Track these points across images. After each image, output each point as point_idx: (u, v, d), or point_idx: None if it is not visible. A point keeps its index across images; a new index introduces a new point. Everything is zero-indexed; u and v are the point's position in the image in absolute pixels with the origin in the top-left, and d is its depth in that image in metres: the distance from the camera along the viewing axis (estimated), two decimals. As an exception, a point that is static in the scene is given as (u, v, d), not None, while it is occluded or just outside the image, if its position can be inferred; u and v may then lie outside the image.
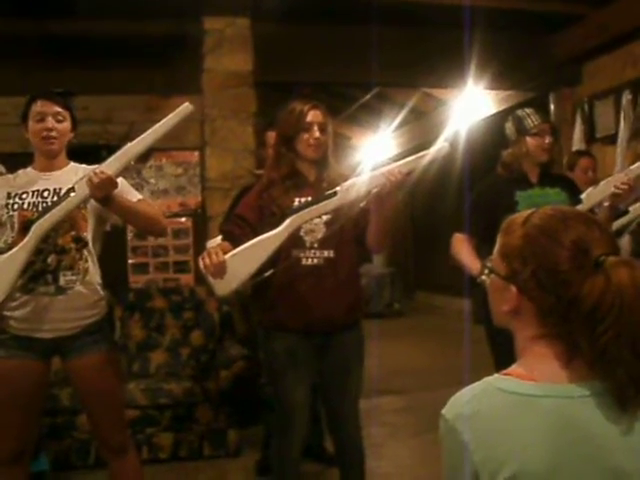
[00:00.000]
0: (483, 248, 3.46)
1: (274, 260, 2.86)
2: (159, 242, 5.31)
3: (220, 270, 2.72)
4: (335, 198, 2.82)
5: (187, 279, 5.40)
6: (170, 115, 2.69)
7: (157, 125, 2.70)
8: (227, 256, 2.74)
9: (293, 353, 2.99)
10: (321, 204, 2.82)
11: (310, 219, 2.86)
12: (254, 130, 5.40)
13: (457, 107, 8.29)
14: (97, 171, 2.64)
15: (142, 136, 2.70)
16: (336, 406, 3.12)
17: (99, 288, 2.95)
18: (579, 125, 6.41)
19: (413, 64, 6.18)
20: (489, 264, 1.39)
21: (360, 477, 3.14)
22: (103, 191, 2.65)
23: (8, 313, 2.81)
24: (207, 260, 2.71)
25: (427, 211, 11.62)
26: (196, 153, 5.45)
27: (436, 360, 7.33)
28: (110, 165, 2.67)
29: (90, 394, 2.93)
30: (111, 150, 2.94)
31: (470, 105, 7.96)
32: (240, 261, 2.75)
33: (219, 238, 3.80)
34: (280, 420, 3.09)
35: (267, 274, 2.82)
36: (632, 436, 1.20)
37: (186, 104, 2.70)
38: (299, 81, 6.49)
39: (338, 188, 2.82)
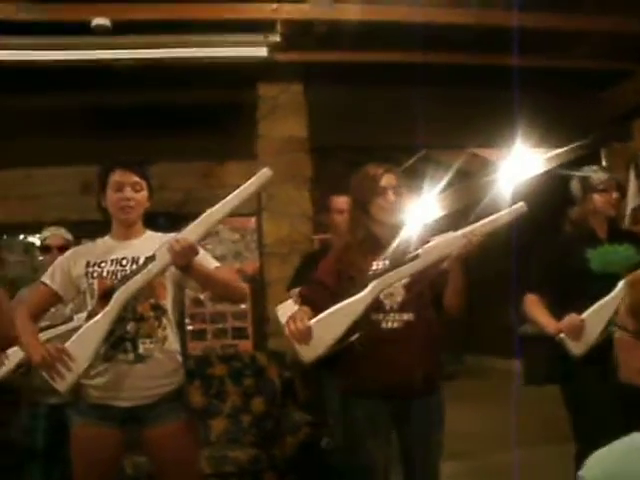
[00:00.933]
0: (554, 307, 3.43)
1: (355, 325, 2.82)
2: (217, 309, 5.31)
3: (306, 336, 2.69)
4: (418, 261, 2.79)
5: (245, 345, 5.37)
6: (250, 180, 2.69)
7: (237, 191, 2.69)
8: (312, 321, 2.71)
9: (373, 419, 2.93)
10: (404, 267, 2.80)
11: (393, 283, 2.82)
12: (310, 195, 5.42)
13: (504, 167, 8.27)
14: (179, 238, 2.63)
15: (222, 202, 2.69)
16: (419, 474, 3.03)
17: (178, 356, 2.92)
18: (633, 180, 6.34)
19: (460, 125, 6.18)
20: (618, 321, 1.36)
21: None
22: (184, 258, 2.64)
23: (86, 381, 2.79)
24: (293, 326, 2.68)
25: (472, 272, 11.50)
26: (253, 219, 5.47)
27: (493, 423, 7.16)
28: (191, 232, 2.66)
29: (167, 463, 2.86)
30: (167, 217, 2.96)
31: (518, 165, 7.93)
32: (325, 326, 2.72)
33: (289, 303, 3.81)
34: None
35: (352, 338, 2.77)
36: None
37: (265, 169, 2.69)
38: (347, 145, 6.55)
39: (420, 251, 2.80)
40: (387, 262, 2.92)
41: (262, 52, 4.83)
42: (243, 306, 5.40)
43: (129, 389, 2.78)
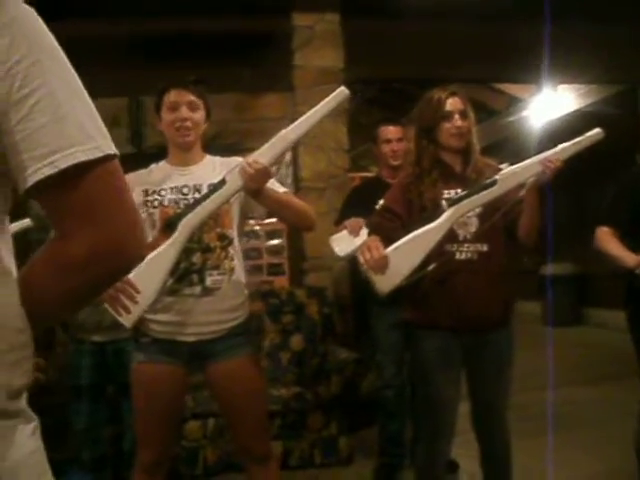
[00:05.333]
0: (627, 240, 3.31)
1: (428, 255, 2.70)
2: (252, 244, 5.18)
3: (382, 265, 2.57)
4: (495, 187, 2.67)
5: (281, 282, 5.26)
6: (326, 99, 2.53)
7: (312, 110, 2.53)
8: (388, 250, 2.59)
9: (444, 352, 2.84)
10: (481, 194, 2.67)
11: (471, 210, 2.70)
12: (347, 128, 5.26)
13: (533, 105, 8.09)
14: (250, 161, 2.48)
15: (297, 122, 2.53)
16: (487, 408, 2.95)
17: (245, 288, 2.80)
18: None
19: (489, 60, 6.00)
20: None
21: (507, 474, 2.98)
22: (258, 182, 2.50)
23: (149, 316, 2.66)
24: (368, 255, 2.56)
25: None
26: (289, 152, 5.31)
27: (520, 364, 7.11)
28: (264, 154, 2.51)
29: (234, 398, 2.75)
30: (203, 148, 2.83)
31: (549, 102, 7.75)
32: (402, 255, 2.60)
33: (343, 234, 3.69)
34: (430, 422, 2.94)
35: (430, 268, 2.65)
36: None
37: (342, 88, 2.54)
38: (385, 77, 6.36)
39: (497, 177, 2.68)
40: (459, 190, 2.79)
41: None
42: (279, 241, 5.28)
43: (196, 324, 2.67)
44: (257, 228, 5.16)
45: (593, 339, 8.37)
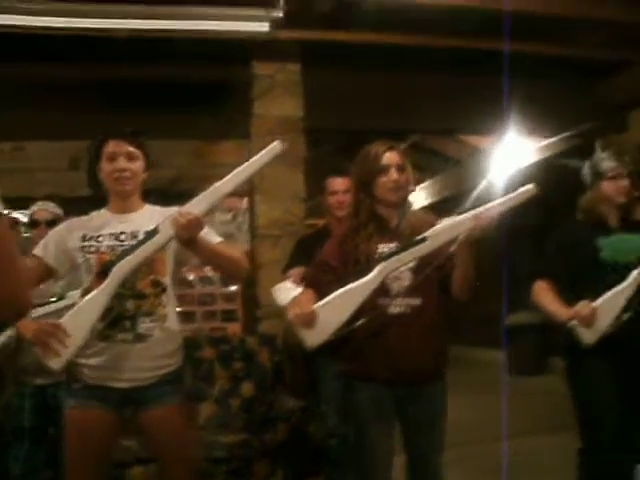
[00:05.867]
0: (564, 294, 3.36)
1: (360, 309, 2.74)
2: (206, 290, 5.19)
3: (311, 320, 2.60)
4: (426, 243, 2.70)
5: (234, 328, 5.27)
6: (260, 153, 2.58)
7: (246, 164, 2.58)
8: (317, 305, 2.62)
9: (379, 404, 2.86)
10: (412, 250, 2.70)
11: (401, 266, 2.73)
12: (304, 177, 5.32)
13: (494, 155, 8.21)
14: (183, 211, 2.52)
15: (230, 175, 2.58)
16: (422, 460, 2.96)
17: (178, 335, 2.82)
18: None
19: (453, 111, 6.11)
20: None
21: None
22: (189, 232, 2.53)
23: (82, 361, 2.67)
24: (297, 310, 2.59)
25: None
26: (245, 200, 5.36)
27: (480, 413, 7.10)
28: (196, 205, 2.55)
29: (162, 446, 2.77)
30: (159, 195, 2.87)
31: (509, 153, 7.87)
32: (331, 310, 2.63)
33: (284, 285, 3.71)
34: (362, 474, 2.94)
35: (358, 323, 2.68)
36: None
37: (276, 142, 2.59)
38: (340, 128, 6.46)
39: (428, 233, 2.71)
40: (394, 245, 2.83)
41: (264, 27, 4.69)
42: (233, 288, 5.30)
43: (128, 370, 2.68)
44: (211, 274, 5.18)
45: (556, 387, 8.36)
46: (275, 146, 2.58)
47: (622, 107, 6.41)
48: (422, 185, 10.72)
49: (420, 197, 11.19)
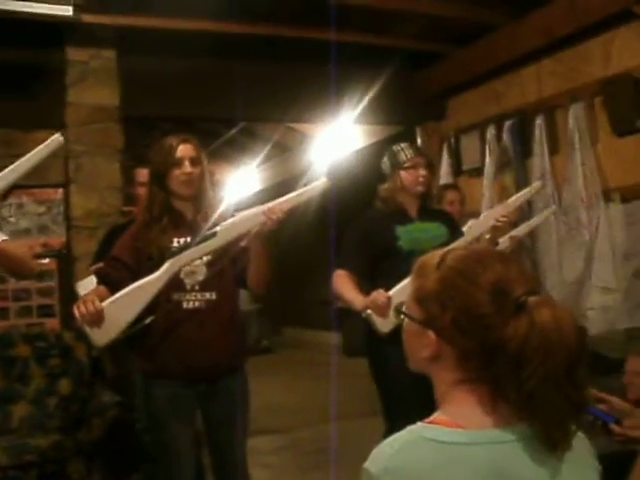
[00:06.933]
0: (364, 283, 3.43)
1: (154, 304, 2.71)
2: (21, 285, 5.00)
3: (98, 319, 2.56)
4: (215, 239, 2.70)
5: (52, 324, 5.10)
6: (38, 147, 2.50)
7: (23, 159, 2.49)
8: (105, 303, 2.58)
9: (175, 401, 2.85)
10: (201, 246, 2.70)
11: (190, 262, 2.73)
12: (121, 167, 5.20)
13: (323, 142, 8.33)
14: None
15: (5, 171, 2.48)
16: (224, 455, 2.98)
17: None
18: (446, 159, 6.55)
19: (279, 99, 6.13)
20: (403, 308, 1.31)
21: None
22: None
23: None
24: (83, 309, 2.54)
25: (292, 246, 11.62)
26: (60, 190, 5.17)
27: (310, 396, 7.22)
28: None
29: None
30: None
31: (337, 140, 8.00)
32: (119, 308, 2.60)
33: (90, 279, 3.62)
34: (164, 470, 2.93)
35: (147, 321, 2.66)
36: (560, 478, 1.16)
37: (56, 136, 2.51)
38: (163, 116, 6.36)
39: (218, 228, 2.71)
40: (190, 238, 2.82)
41: (67, 11, 4.50)
42: (50, 283, 5.13)
43: None
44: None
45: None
46: (55, 139, 2.51)
47: (440, 96, 6.64)
48: (254, 171, 10.75)
49: (254, 182, 11.22)
